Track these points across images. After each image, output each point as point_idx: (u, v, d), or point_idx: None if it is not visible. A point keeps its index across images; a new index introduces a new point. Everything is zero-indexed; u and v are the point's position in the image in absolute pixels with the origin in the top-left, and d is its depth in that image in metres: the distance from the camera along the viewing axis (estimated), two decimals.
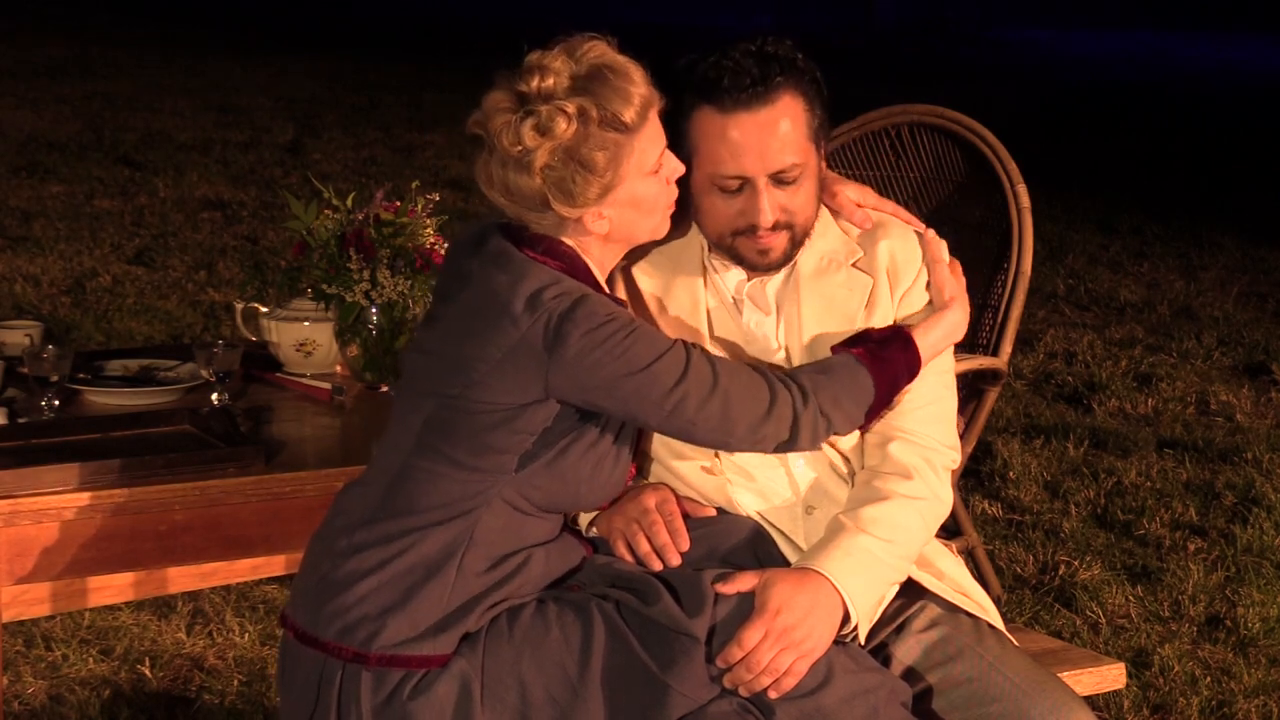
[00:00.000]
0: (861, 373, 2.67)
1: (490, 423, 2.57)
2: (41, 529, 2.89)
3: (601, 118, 2.56)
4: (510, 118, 2.56)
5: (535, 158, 2.55)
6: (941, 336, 2.77)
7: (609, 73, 2.57)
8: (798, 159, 2.69)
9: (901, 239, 2.83)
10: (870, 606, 2.67)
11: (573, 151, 2.55)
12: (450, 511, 2.59)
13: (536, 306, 2.54)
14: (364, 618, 2.57)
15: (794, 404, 2.62)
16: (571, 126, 2.54)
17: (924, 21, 22.28)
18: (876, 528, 2.68)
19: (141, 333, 7.12)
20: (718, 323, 2.81)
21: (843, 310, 2.79)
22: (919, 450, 2.76)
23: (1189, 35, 22.22)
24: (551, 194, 2.57)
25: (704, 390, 2.57)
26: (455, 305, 2.63)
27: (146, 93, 13.67)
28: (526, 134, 2.54)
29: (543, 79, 2.56)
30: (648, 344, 2.56)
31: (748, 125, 2.66)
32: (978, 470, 5.81)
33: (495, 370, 2.55)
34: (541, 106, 2.54)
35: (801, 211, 2.73)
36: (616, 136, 2.57)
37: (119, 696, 4.15)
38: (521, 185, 2.57)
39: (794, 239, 2.75)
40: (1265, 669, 4.47)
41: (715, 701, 2.57)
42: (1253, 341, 7.58)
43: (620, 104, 2.57)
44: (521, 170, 2.56)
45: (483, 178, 2.62)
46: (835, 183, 2.88)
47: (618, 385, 2.55)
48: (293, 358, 3.59)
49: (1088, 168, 11.73)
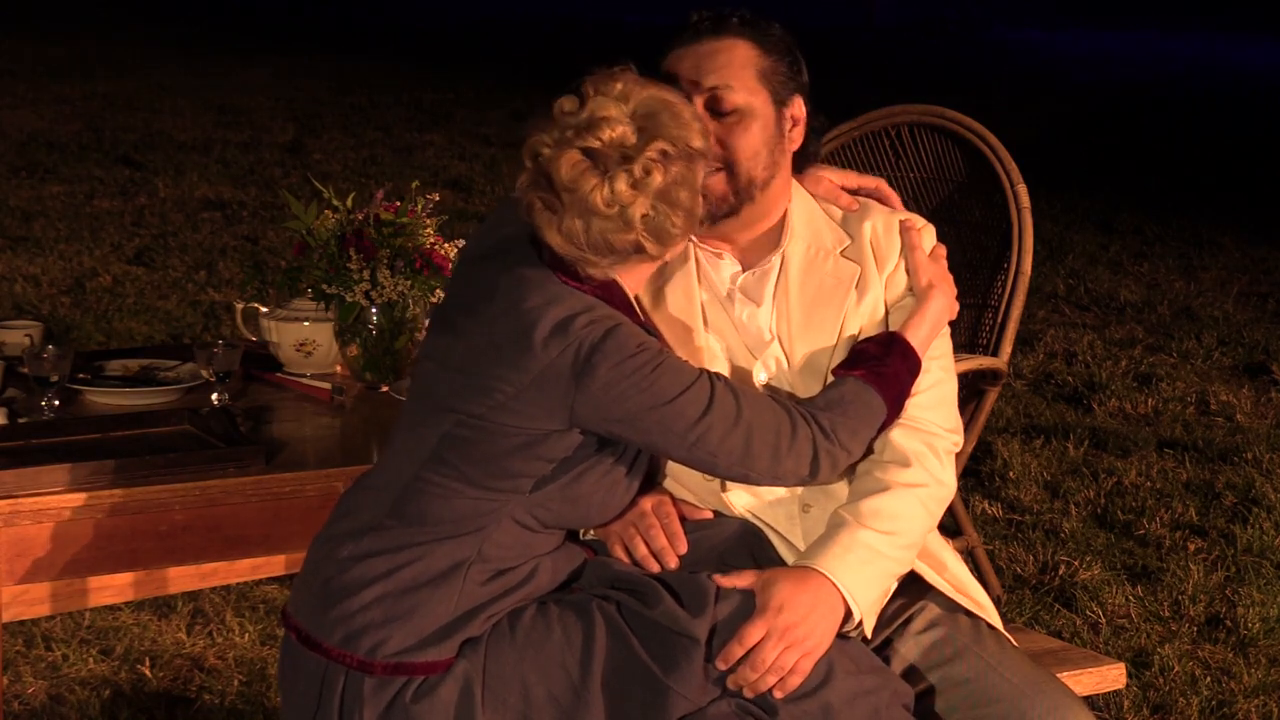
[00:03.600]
0: (869, 393, 2.68)
1: (510, 446, 2.57)
2: (41, 529, 2.89)
3: (678, 153, 2.56)
4: (596, 179, 2.53)
5: (634, 212, 2.54)
6: (930, 328, 2.78)
7: (662, 106, 2.58)
8: (735, 85, 2.72)
9: (884, 220, 2.85)
10: (873, 601, 2.67)
11: (665, 196, 2.56)
12: (460, 527, 2.59)
13: (567, 334, 2.53)
14: (368, 625, 2.57)
15: (814, 439, 2.63)
16: (663, 173, 2.55)
17: (924, 21, 22.28)
18: (877, 520, 2.68)
19: (141, 333, 7.11)
20: (711, 316, 2.81)
21: (832, 299, 2.80)
22: (920, 436, 2.76)
23: (1189, 35, 22.21)
24: (646, 241, 2.57)
25: (727, 424, 2.58)
26: (480, 322, 2.60)
27: (146, 93, 13.67)
28: (622, 190, 2.53)
29: (610, 130, 2.54)
30: (673, 376, 2.56)
31: (691, 54, 2.75)
32: (978, 470, 5.81)
33: (520, 395, 2.54)
34: (634, 164, 2.53)
35: (743, 152, 2.73)
36: (690, 167, 2.58)
37: (119, 696, 4.15)
38: (614, 240, 2.55)
39: (735, 184, 2.75)
40: (1265, 669, 4.47)
41: (715, 703, 2.57)
42: (1253, 341, 7.58)
43: (689, 134, 2.58)
44: (619, 226, 2.54)
45: (554, 232, 2.56)
46: (818, 169, 2.90)
47: (642, 417, 2.55)
48: (293, 358, 3.59)
49: (1088, 168, 11.73)
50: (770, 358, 2.80)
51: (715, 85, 2.72)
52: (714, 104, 2.72)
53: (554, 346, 2.53)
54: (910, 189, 3.65)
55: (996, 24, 22.63)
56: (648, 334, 2.60)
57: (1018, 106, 14.09)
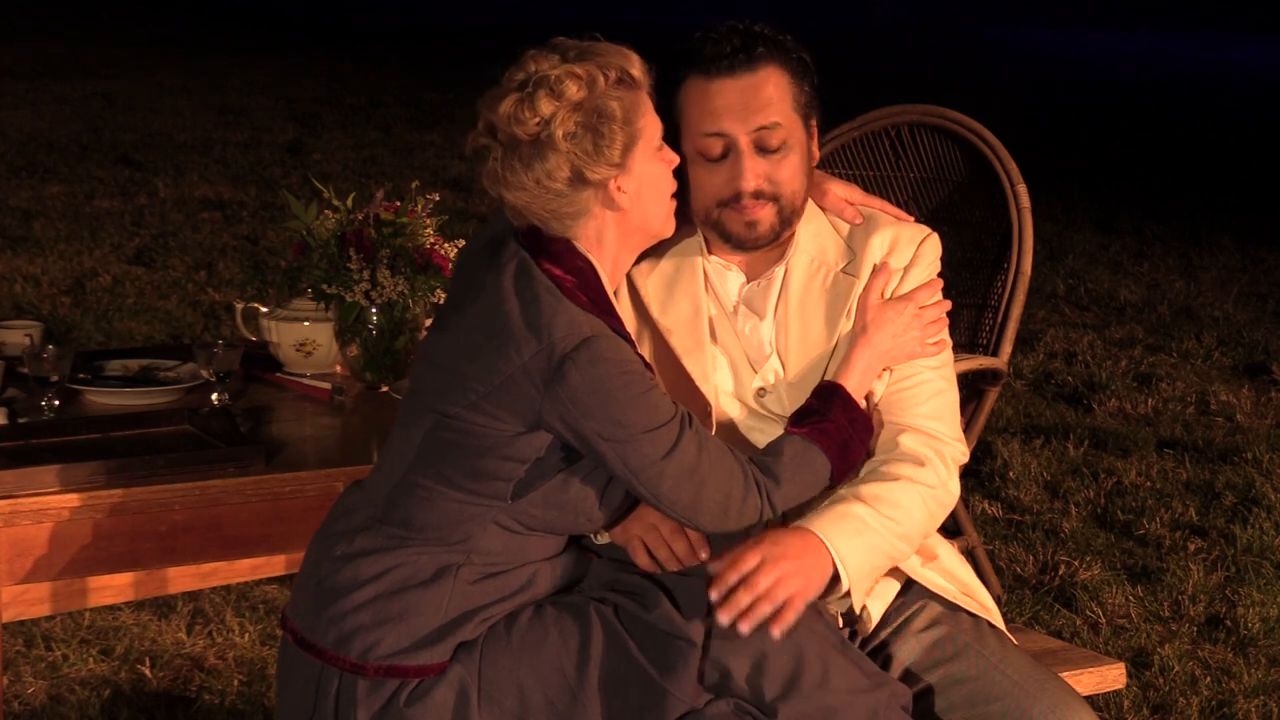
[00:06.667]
0: (813, 452, 2.66)
1: (483, 447, 2.56)
2: (41, 529, 2.89)
3: (608, 78, 2.56)
4: (517, 96, 2.55)
5: (555, 128, 2.53)
6: (862, 374, 2.74)
7: (599, 45, 2.59)
8: (780, 120, 2.71)
9: (890, 236, 2.83)
10: (862, 572, 2.65)
11: (590, 108, 2.54)
12: (446, 533, 2.59)
13: (543, 337, 2.52)
14: (360, 627, 2.57)
15: (760, 510, 2.62)
16: (583, 86, 2.54)
17: (924, 21, 22.29)
18: (878, 504, 2.67)
19: (141, 333, 7.12)
20: (718, 328, 2.81)
21: (828, 316, 2.80)
22: (929, 442, 2.76)
23: (1189, 35, 22.21)
24: (580, 161, 2.55)
25: (681, 474, 2.56)
26: (463, 320, 2.62)
27: (146, 93, 13.67)
28: (541, 103, 2.53)
29: (536, 64, 2.56)
30: (645, 411, 2.54)
31: (730, 88, 2.70)
32: (978, 470, 5.81)
33: (492, 395, 2.54)
34: (552, 72, 2.54)
35: (788, 184, 2.73)
36: (628, 92, 2.58)
37: (119, 696, 4.15)
38: (550, 168, 2.55)
39: (781, 214, 2.75)
40: (1265, 669, 4.47)
41: (713, 703, 2.56)
42: (1253, 341, 7.58)
43: (622, 60, 2.58)
44: (546, 149, 2.54)
45: (499, 182, 2.59)
46: (824, 180, 2.89)
47: (599, 440, 2.53)
48: (293, 358, 3.59)
49: (1088, 168, 11.73)
50: (769, 371, 2.80)
51: (763, 125, 2.70)
52: (762, 143, 2.71)
53: (528, 348, 2.52)
54: (910, 189, 3.64)
55: (996, 24, 22.63)
56: (633, 352, 2.58)
57: (1018, 106, 14.09)
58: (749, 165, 2.70)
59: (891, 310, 2.77)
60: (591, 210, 2.61)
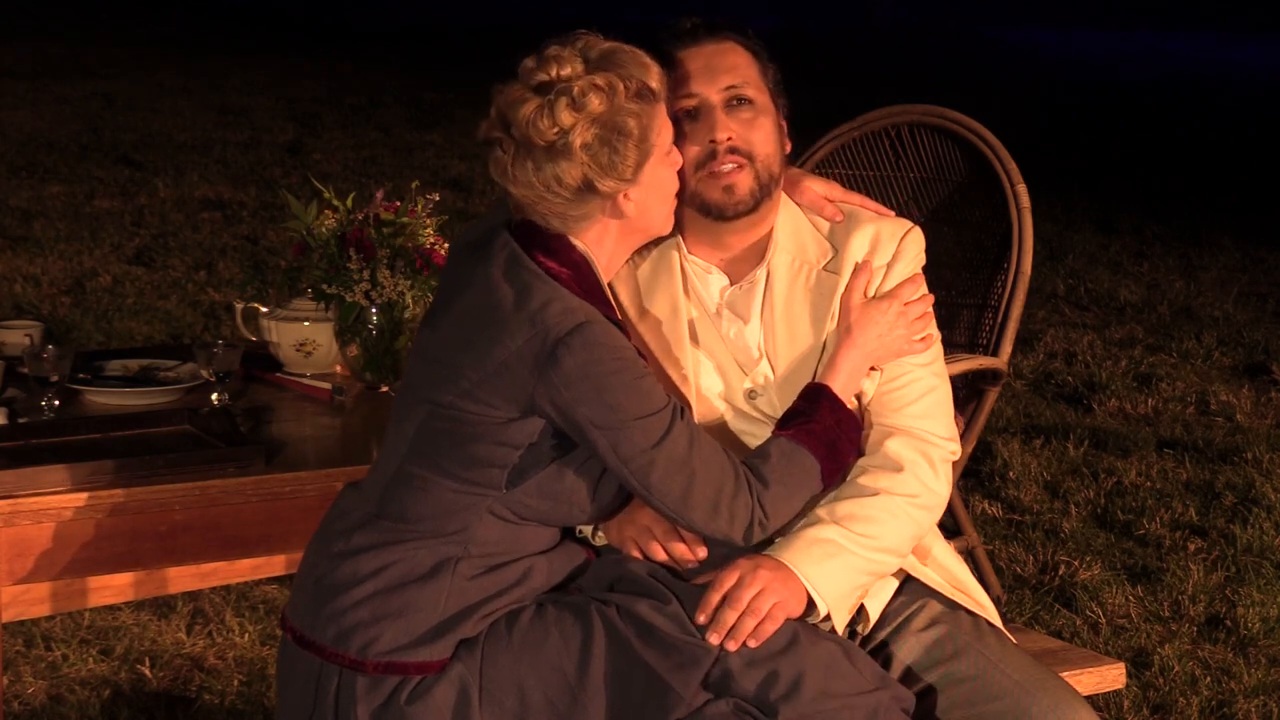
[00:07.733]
0: (801, 453, 2.66)
1: (475, 434, 2.56)
2: (41, 529, 2.89)
3: (628, 89, 2.57)
4: (538, 102, 2.55)
5: (574, 137, 2.54)
6: (848, 375, 2.74)
7: (620, 52, 2.60)
8: (748, 82, 2.76)
9: (872, 233, 2.83)
10: (839, 594, 2.65)
11: (608, 123, 2.55)
12: (442, 523, 2.59)
13: (536, 323, 2.53)
14: (359, 624, 2.57)
15: (752, 509, 2.61)
16: (604, 99, 2.55)
17: (924, 21, 22.29)
18: (852, 522, 2.68)
19: (141, 333, 7.12)
20: (701, 333, 2.81)
21: (814, 316, 2.80)
22: (916, 445, 2.76)
23: (1189, 35, 22.21)
24: (593, 172, 2.56)
25: (672, 465, 2.56)
26: (454, 311, 2.62)
27: (146, 93, 13.67)
28: (562, 114, 2.53)
29: (559, 67, 2.56)
30: (638, 397, 2.54)
31: (695, 55, 2.77)
32: (978, 470, 5.81)
33: (485, 381, 2.54)
34: (575, 83, 2.54)
35: (760, 145, 2.75)
36: (645, 105, 2.58)
37: (119, 696, 4.15)
38: (561, 173, 2.56)
39: (758, 178, 2.75)
40: (1265, 669, 4.47)
41: (713, 703, 2.56)
42: (1253, 341, 7.58)
43: (642, 72, 2.59)
44: (560, 156, 2.55)
45: (506, 176, 2.59)
46: (801, 178, 2.89)
47: (591, 428, 2.53)
48: (293, 358, 3.59)
49: (1088, 168, 11.73)
50: (760, 374, 2.79)
51: (732, 82, 2.75)
52: (733, 98, 2.74)
53: (521, 334, 2.53)
54: (910, 189, 3.64)
55: (996, 24, 22.63)
56: (627, 340, 2.58)
57: (1018, 106, 14.09)
58: (721, 118, 2.74)
59: (875, 309, 2.77)
60: (595, 216, 2.62)
